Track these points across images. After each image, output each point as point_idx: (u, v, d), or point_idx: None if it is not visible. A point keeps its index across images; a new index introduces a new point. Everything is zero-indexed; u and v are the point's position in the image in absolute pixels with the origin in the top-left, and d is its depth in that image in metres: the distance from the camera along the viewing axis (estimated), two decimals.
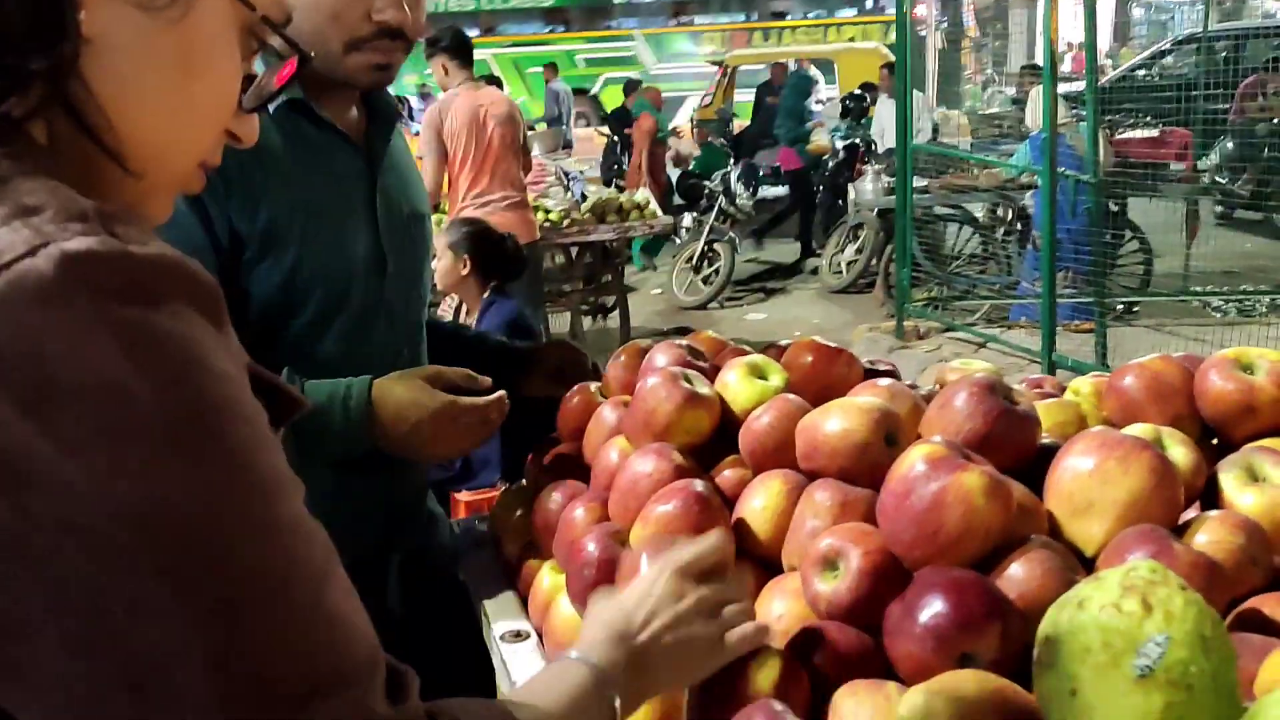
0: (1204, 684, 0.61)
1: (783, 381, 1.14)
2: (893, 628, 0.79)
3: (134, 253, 0.46)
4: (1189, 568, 0.78)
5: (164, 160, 0.57)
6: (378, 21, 1.17)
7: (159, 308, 0.46)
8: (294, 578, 0.48)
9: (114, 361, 0.44)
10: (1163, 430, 1.00)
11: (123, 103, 0.53)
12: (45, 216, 0.46)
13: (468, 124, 4.51)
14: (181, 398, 0.46)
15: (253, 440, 0.48)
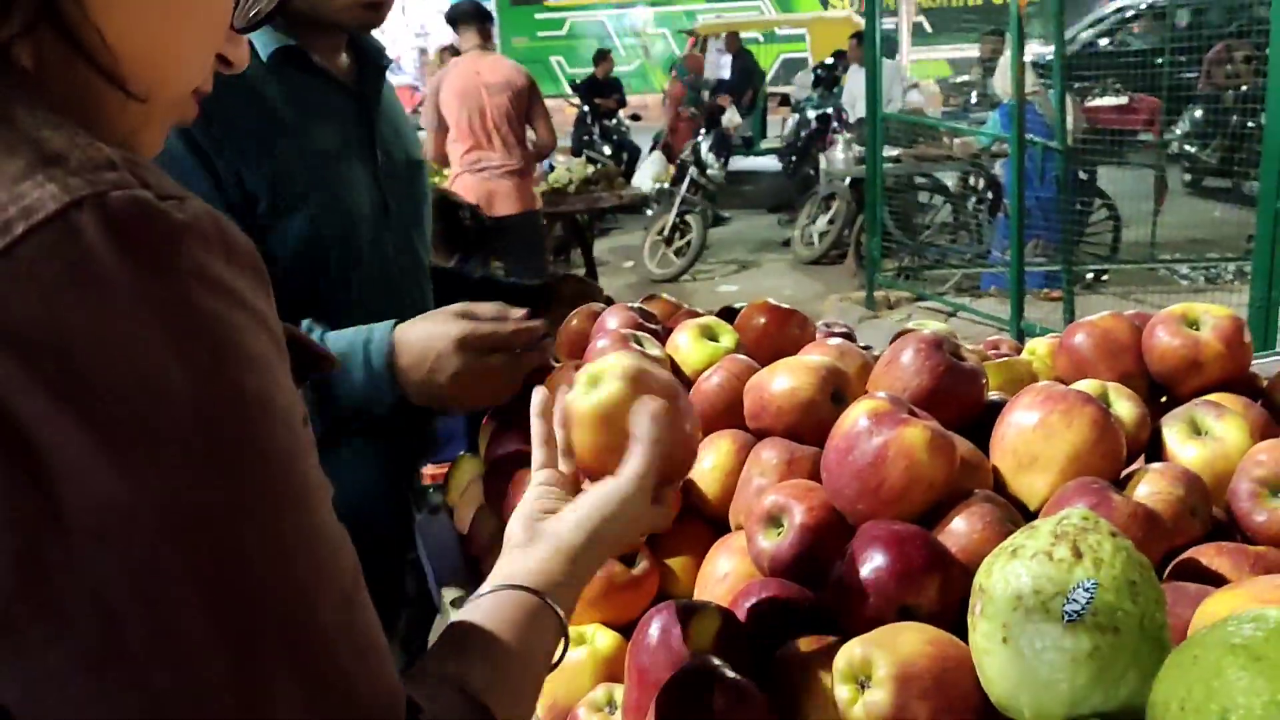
0: (1131, 627, 0.61)
1: (733, 343, 1.14)
2: (834, 582, 0.79)
3: (173, 216, 0.42)
4: (1128, 518, 0.79)
5: (161, 83, 0.52)
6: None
7: (201, 280, 0.43)
8: (322, 596, 0.45)
9: (154, 352, 0.41)
10: (1109, 386, 1.01)
11: (117, 18, 0.48)
12: (70, 166, 0.41)
13: (460, 91, 4.57)
14: (220, 395, 0.42)
15: (288, 443, 0.45)
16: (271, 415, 0.45)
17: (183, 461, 0.41)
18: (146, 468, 0.40)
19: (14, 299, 0.39)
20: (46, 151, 0.41)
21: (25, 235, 0.39)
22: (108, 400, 0.40)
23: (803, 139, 9.04)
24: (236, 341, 0.43)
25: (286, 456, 0.45)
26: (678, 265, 7.42)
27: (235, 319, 0.44)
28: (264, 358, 0.45)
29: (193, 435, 0.41)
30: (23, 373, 0.39)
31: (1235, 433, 0.94)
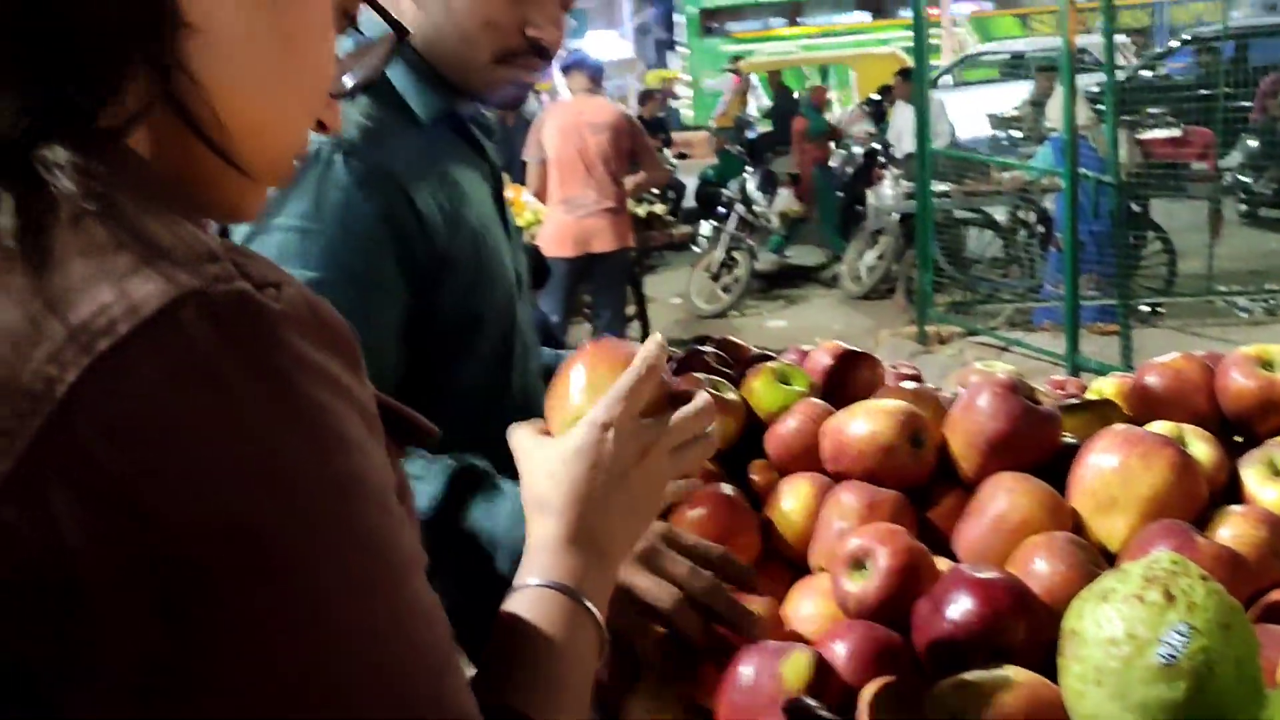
0: (1227, 671, 0.62)
1: (806, 386, 1.16)
2: (921, 624, 0.81)
3: (271, 306, 0.43)
4: (1212, 560, 0.80)
5: (268, 153, 0.53)
6: (532, 37, 1.13)
7: (299, 368, 0.44)
8: (417, 672, 0.46)
9: (256, 442, 0.42)
10: (1184, 427, 1.02)
11: (227, 92, 0.49)
12: (174, 260, 0.42)
13: (561, 130, 4.74)
14: (319, 480, 0.43)
15: (381, 522, 0.46)
16: (365, 498, 0.46)
17: (290, 546, 0.42)
18: (252, 556, 0.41)
19: (120, 392, 0.40)
20: (151, 246, 0.42)
21: (131, 334, 0.40)
22: (214, 489, 0.41)
23: (849, 175, 9.06)
24: (333, 427, 0.44)
25: (380, 537, 0.46)
26: (725, 301, 7.45)
27: (331, 404, 0.45)
28: (358, 440, 0.46)
29: (292, 522, 0.42)
30: (126, 461, 0.40)
31: None
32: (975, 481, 0.97)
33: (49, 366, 0.40)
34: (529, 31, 1.13)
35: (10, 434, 0.40)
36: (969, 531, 0.93)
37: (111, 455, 0.40)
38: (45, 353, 0.40)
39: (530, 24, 1.13)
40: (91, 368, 0.40)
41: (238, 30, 0.49)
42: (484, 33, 1.12)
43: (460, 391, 1.14)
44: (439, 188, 1.14)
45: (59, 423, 0.39)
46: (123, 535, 0.40)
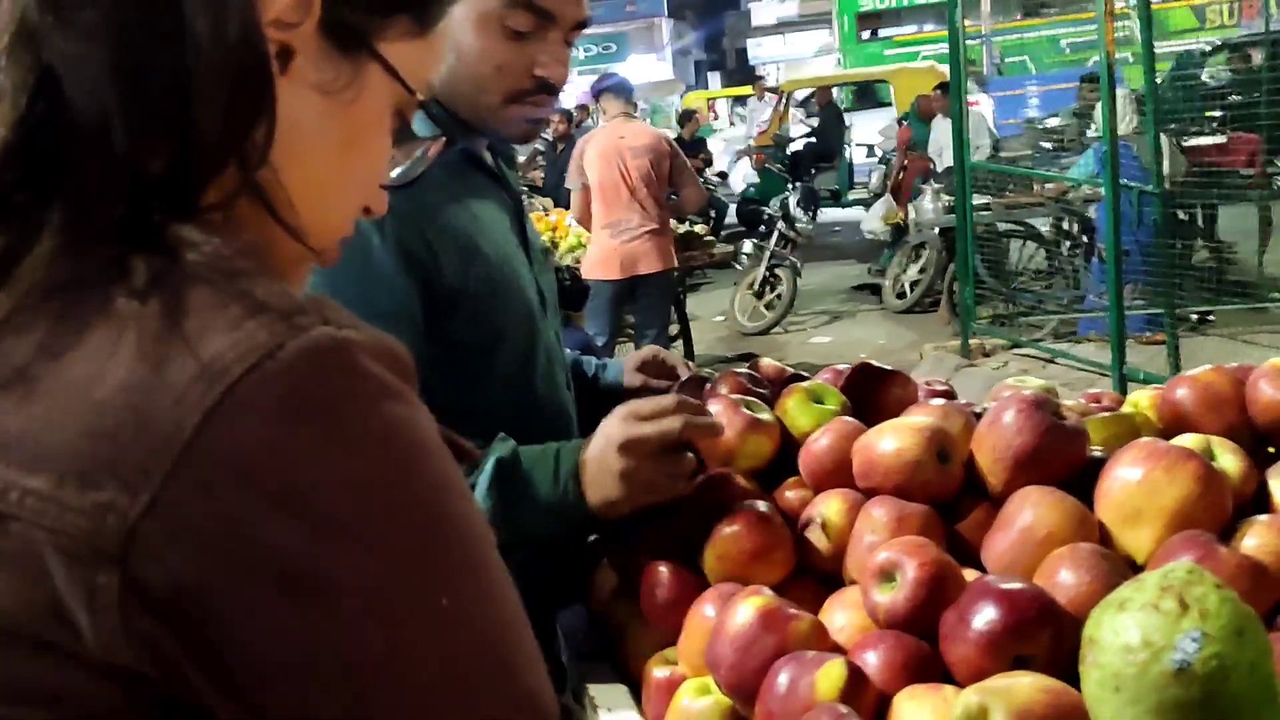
0: (1241, 675, 0.65)
1: (839, 405, 1.19)
2: (948, 633, 0.84)
3: (356, 341, 0.50)
4: (1234, 570, 0.82)
5: (323, 233, 0.60)
6: (539, 76, 1.19)
7: (384, 392, 0.50)
8: (516, 659, 0.52)
9: (361, 459, 0.48)
10: (1212, 439, 1.03)
11: (297, 180, 0.56)
12: (273, 313, 0.49)
13: (602, 155, 4.83)
14: (422, 484, 0.50)
15: (474, 512, 0.53)
16: (461, 493, 0.53)
17: (394, 548, 0.48)
18: (365, 557, 0.48)
19: (238, 427, 0.46)
20: (255, 302, 0.49)
21: (243, 376, 0.47)
22: (324, 504, 0.47)
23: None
24: (417, 436, 0.51)
25: (476, 527, 0.53)
26: (769, 319, 7.46)
27: (416, 418, 0.51)
28: (438, 446, 0.52)
29: (397, 523, 0.49)
30: (249, 487, 0.46)
31: None
32: (1003, 495, 1.00)
33: (176, 409, 0.46)
34: (537, 71, 1.19)
35: (148, 471, 0.46)
36: (996, 544, 0.96)
37: (233, 485, 0.46)
38: (171, 398, 0.46)
39: (538, 64, 1.19)
40: (212, 409, 0.46)
41: (310, 128, 0.57)
42: (494, 76, 1.18)
43: (485, 408, 1.20)
44: (454, 221, 1.20)
45: (187, 459, 0.46)
46: (249, 557, 0.46)
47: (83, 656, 0.47)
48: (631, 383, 1.50)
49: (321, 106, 0.57)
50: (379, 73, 0.59)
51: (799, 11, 29.01)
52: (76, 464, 0.46)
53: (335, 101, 0.57)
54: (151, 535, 0.46)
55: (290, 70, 0.55)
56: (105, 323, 0.48)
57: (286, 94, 0.54)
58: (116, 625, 0.46)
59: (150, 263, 0.49)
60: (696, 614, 1.01)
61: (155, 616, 0.46)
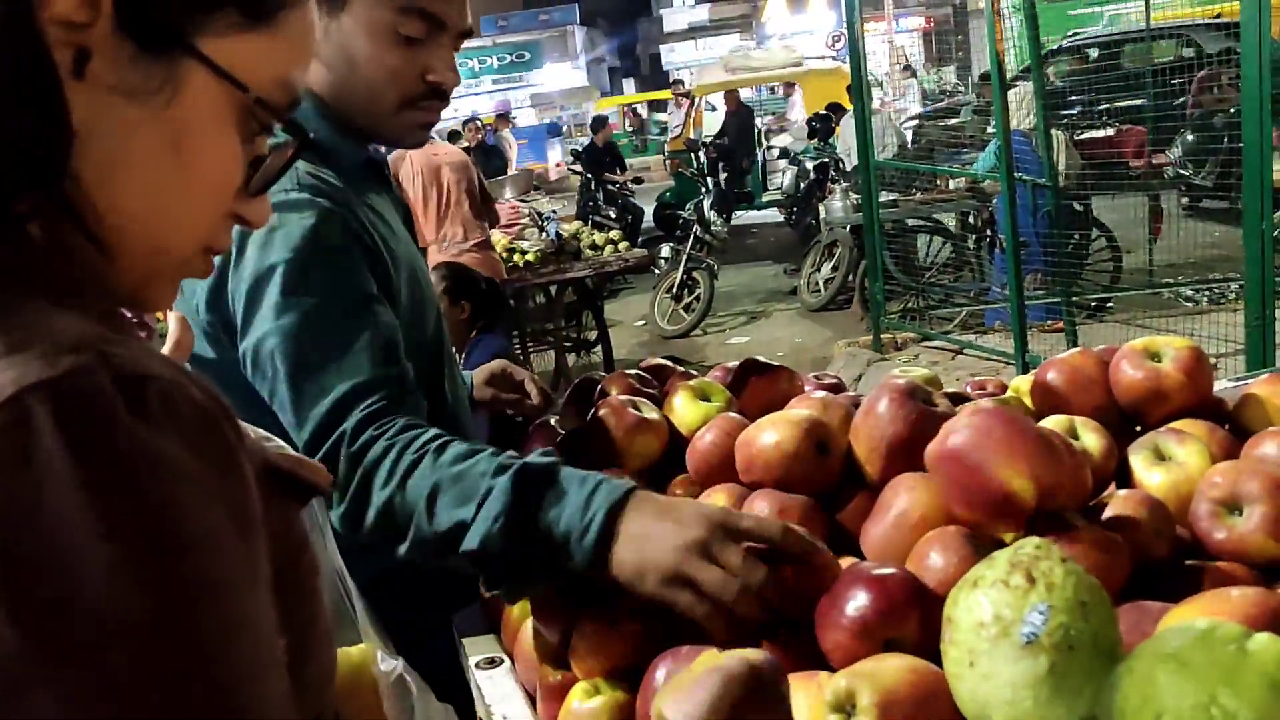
0: (1085, 644, 0.67)
1: (724, 401, 1.21)
2: (822, 620, 0.85)
3: (117, 399, 0.45)
4: (1089, 544, 0.85)
5: (160, 247, 0.56)
6: (431, 82, 1.22)
7: (142, 461, 0.45)
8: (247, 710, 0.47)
9: (78, 534, 0.42)
10: (1076, 420, 1.07)
11: (113, 192, 0.52)
12: (33, 352, 0.45)
13: (423, 172, 4.81)
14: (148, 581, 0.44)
15: (227, 619, 0.47)
16: (208, 597, 0.46)
17: (98, 651, 0.42)
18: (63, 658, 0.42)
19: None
20: (13, 339, 0.45)
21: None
22: (29, 585, 0.42)
23: (802, 190, 9.18)
24: (174, 521, 0.45)
25: (221, 637, 0.46)
26: (688, 321, 7.53)
27: (176, 495, 0.45)
28: (206, 533, 0.46)
29: (110, 622, 0.42)
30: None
31: (1196, 457, 1.00)
32: (880, 484, 1.02)
33: None
34: (429, 77, 1.21)
35: None
36: (873, 531, 0.98)
37: None
38: None
39: (430, 70, 1.21)
40: None
41: (123, 136, 0.52)
42: (388, 82, 1.20)
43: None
44: (375, 225, 1.22)
45: None
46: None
47: None
48: (481, 395, 1.52)
49: (132, 112, 0.52)
50: (203, 72, 0.54)
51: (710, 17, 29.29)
52: None
53: (149, 106, 0.53)
54: None
55: (87, 74, 0.51)
56: None
57: (86, 100, 0.50)
58: None
59: None
60: (587, 615, 1.01)
61: None
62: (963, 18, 18.03)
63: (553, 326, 6.23)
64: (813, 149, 9.47)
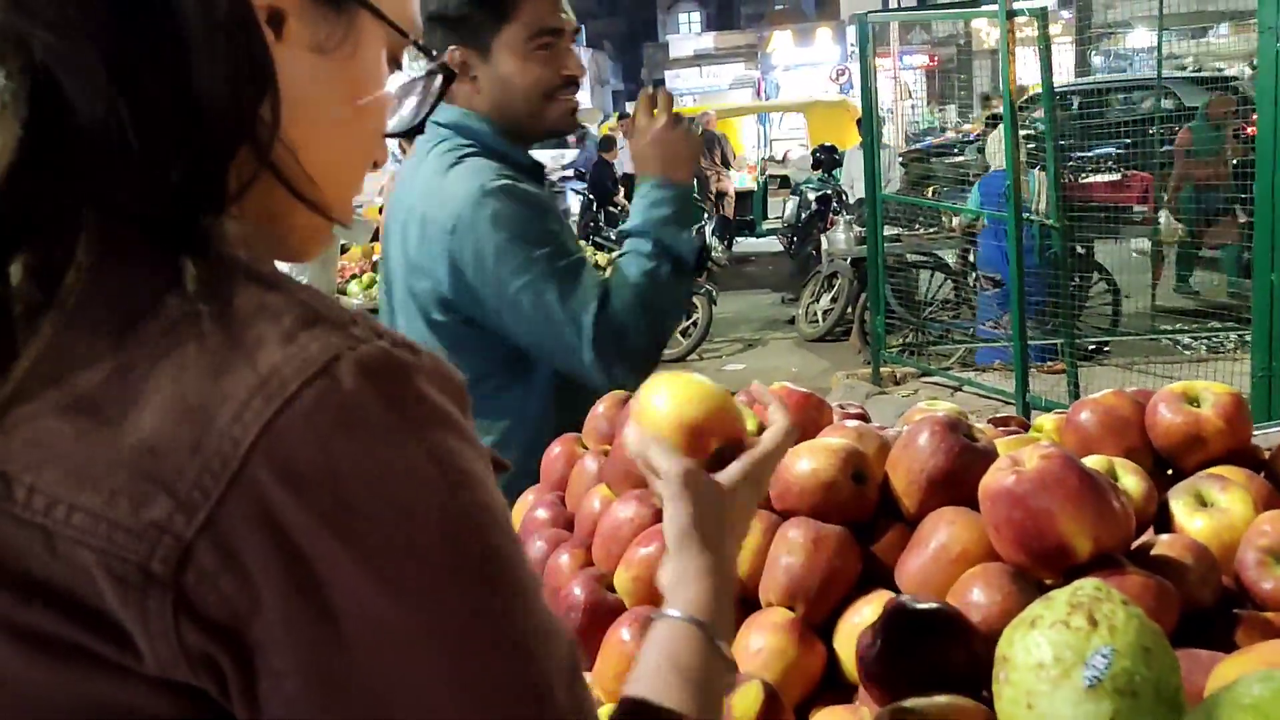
0: (1148, 691, 0.66)
1: (755, 426, 1.19)
2: (863, 654, 0.84)
3: (410, 361, 0.49)
4: (1140, 588, 0.83)
5: (339, 195, 0.58)
6: (565, 75, 1.61)
7: (434, 415, 0.49)
8: (557, 679, 0.50)
9: (406, 481, 0.47)
10: (1115, 460, 1.06)
11: (307, 146, 0.54)
12: (327, 325, 0.48)
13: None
14: (462, 513, 0.48)
15: (514, 546, 0.51)
16: (500, 525, 0.50)
17: (440, 578, 0.47)
18: (411, 588, 0.46)
19: (293, 443, 0.45)
20: (308, 314, 0.48)
21: (300, 389, 0.45)
22: (374, 527, 0.46)
23: (803, 220, 9.21)
24: (464, 465, 0.49)
25: (516, 559, 0.51)
26: (685, 345, 7.52)
27: (460, 446, 0.49)
28: (484, 476, 0.51)
29: (446, 554, 0.47)
30: (302, 505, 0.45)
31: (1239, 504, 0.99)
32: (918, 517, 1.01)
33: (233, 425, 0.45)
34: (563, 72, 1.61)
35: (206, 489, 0.44)
36: (911, 564, 0.96)
37: (288, 505, 0.45)
38: (229, 413, 0.45)
39: (563, 66, 1.61)
40: (269, 424, 0.45)
41: (316, 92, 0.55)
42: (535, 86, 1.60)
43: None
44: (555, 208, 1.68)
45: (244, 474, 0.44)
46: (296, 580, 0.45)
47: (142, 674, 0.46)
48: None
49: (322, 67, 0.55)
50: (370, 20, 0.57)
51: (715, 45, 29.50)
52: (130, 480, 0.45)
53: (334, 59, 0.55)
54: (205, 557, 0.44)
55: (285, 35, 0.53)
56: (162, 337, 0.46)
57: (285, 61, 0.52)
58: (173, 646, 0.45)
59: (197, 267, 0.48)
60: (613, 638, 0.99)
61: (209, 637, 0.45)
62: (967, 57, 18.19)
63: None
64: (816, 180, 9.51)
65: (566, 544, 1.18)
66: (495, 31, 1.56)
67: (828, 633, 0.97)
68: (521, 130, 1.63)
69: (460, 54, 1.58)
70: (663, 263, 1.54)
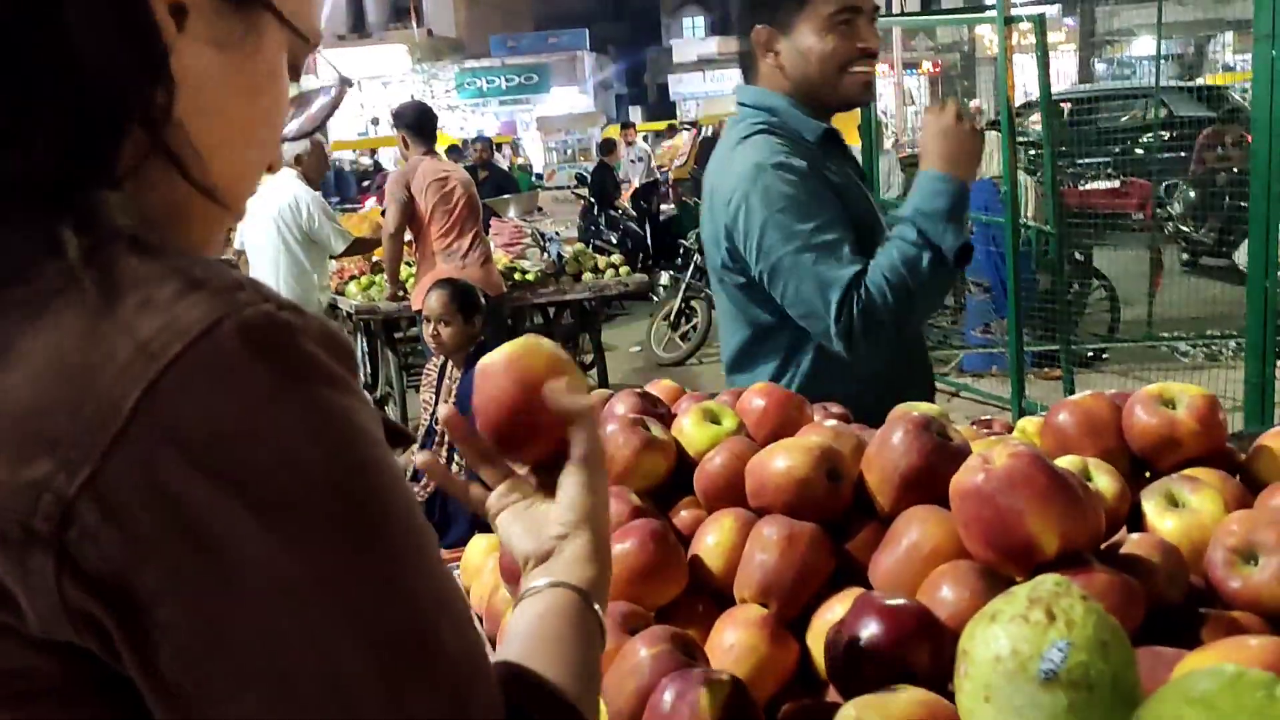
0: (1104, 684, 0.66)
1: (735, 424, 1.20)
2: (831, 649, 0.84)
3: (294, 323, 0.50)
4: (1105, 585, 0.84)
5: (232, 190, 0.60)
6: (861, 49, 1.73)
7: (318, 373, 0.50)
8: (444, 625, 0.52)
9: (292, 437, 0.48)
10: (1089, 461, 1.06)
11: (205, 137, 0.56)
12: (210, 289, 0.49)
13: (435, 184, 4.81)
14: (350, 466, 0.50)
15: (405, 499, 0.52)
16: (391, 478, 0.52)
17: (329, 527, 0.48)
18: (300, 536, 0.47)
19: (176, 402, 0.46)
20: (190, 277, 0.49)
21: (183, 350, 0.46)
22: (260, 479, 0.47)
23: None
24: (353, 421, 0.51)
25: (406, 511, 0.52)
26: (684, 349, 7.51)
27: (349, 402, 0.51)
28: (372, 431, 0.52)
29: (333, 503, 0.49)
30: (186, 461, 0.46)
31: (1210, 504, 1.00)
32: (891, 515, 1.01)
33: (115, 386, 0.46)
34: (859, 45, 1.73)
35: (87, 448, 0.45)
36: (883, 561, 0.97)
37: (171, 462, 0.46)
38: (110, 375, 0.46)
39: (860, 39, 1.73)
40: (151, 385, 0.46)
41: (214, 84, 0.56)
42: (832, 58, 1.73)
43: None
44: (830, 174, 1.73)
45: (125, 435, 0.45)
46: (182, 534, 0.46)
47: (27, 635, 0.47)
48: None
49: (222, 62, 0.56)
50: (273, 23, 0.59)
51: (719, 50, 29.53)
52: (12, 442, 0.46)
53: (235, 55, 0.57)
54: (88, 514, 0.45)
55: (186, 27, 0.55)
56: (42, 302, 0.47)
57: (186, 52, 0.54)
58: (55, 604, 0.46)
59: (81, 236, 0.49)
60: None
61: (91, 594, 0.46)
62: (970, 64, 18.20)
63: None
64: None
65: None
66: (799, 9, 1.72)
67: (803, 630, 0.98)
68: (820, 101, 1.76)
69: (765, 32, 1.76)
70: (924, 252, 1.60)
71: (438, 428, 3.42)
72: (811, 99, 1.76)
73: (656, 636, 0.92)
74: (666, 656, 0.89)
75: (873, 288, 1.61)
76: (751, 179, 1.68)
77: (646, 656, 0.90)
